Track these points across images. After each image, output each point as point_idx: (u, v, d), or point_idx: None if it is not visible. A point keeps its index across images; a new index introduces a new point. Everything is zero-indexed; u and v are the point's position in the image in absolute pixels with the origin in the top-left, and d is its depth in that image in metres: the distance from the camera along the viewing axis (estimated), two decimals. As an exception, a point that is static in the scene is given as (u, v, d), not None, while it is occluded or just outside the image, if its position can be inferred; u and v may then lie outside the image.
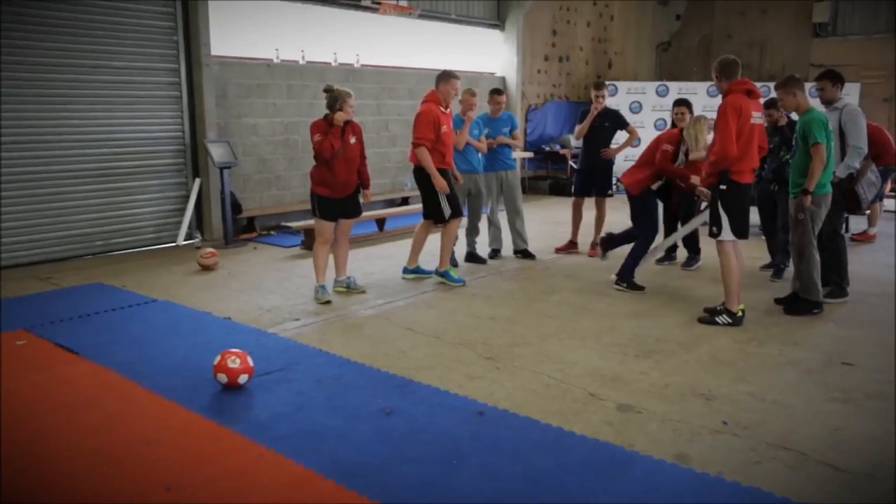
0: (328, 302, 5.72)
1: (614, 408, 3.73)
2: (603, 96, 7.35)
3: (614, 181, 7.98)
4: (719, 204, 5.00)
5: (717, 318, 5.05)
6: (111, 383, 4.05)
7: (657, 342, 4.76)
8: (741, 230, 5.08)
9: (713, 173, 5.01)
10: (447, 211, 6.17)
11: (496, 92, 7.35)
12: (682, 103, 6.65)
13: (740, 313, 5.03)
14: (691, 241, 6.83)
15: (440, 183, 6.05)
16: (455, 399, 3.82)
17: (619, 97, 12.95)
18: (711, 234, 5.11)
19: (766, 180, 6.60)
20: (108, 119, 7.66)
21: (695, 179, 5.85)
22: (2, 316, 5.25)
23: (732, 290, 5.02)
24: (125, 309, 5.56)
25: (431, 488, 2.92)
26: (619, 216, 7.38)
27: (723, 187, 4.98)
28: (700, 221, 5.96)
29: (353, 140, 5.76)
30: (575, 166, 9.58)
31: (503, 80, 12.50)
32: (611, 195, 7.61)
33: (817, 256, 5.26)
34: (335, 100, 5.63)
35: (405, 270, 6.58)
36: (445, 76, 6.18)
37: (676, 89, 13.04)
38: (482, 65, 12.41)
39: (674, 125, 6.59)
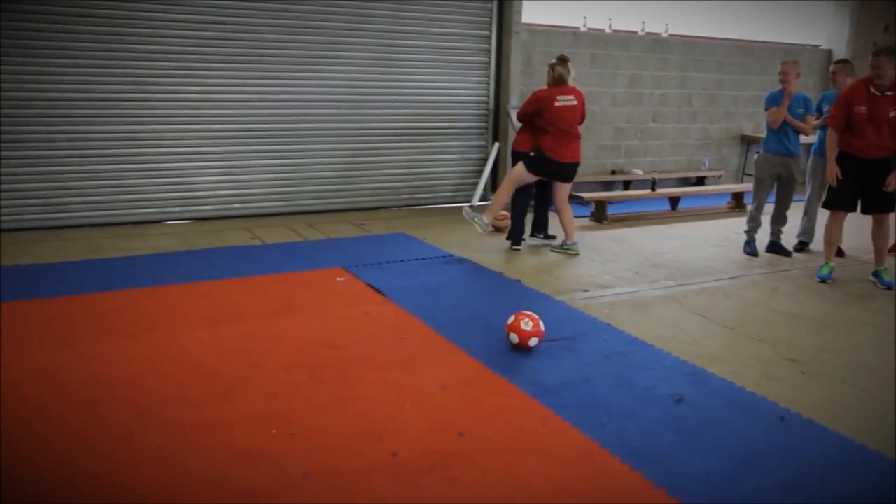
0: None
1: (950, 442, 3.19)
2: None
3: None
4: None
5: None
6: (412, 326, 4.39)
7: None
8: None
9: None
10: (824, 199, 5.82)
11: (842, 63, 6.58)
12: None
13: None
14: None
15: (829, 168, 5.65)
16: (752, 398, 3.55)
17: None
18: None
19: None
20: (422, 82, 8.21)
21: None
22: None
23: None
24: (425, 260, 5.97)
25: (722, 487, 2.74)
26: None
27: None
28: None
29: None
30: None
31: (829, 53, 11.18)
32: None
33: None
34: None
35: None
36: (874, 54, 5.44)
37: None
38: (803, 36, 11.21)
39: None
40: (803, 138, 6.54)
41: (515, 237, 6.48)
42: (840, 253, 6.44)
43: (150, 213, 7.21)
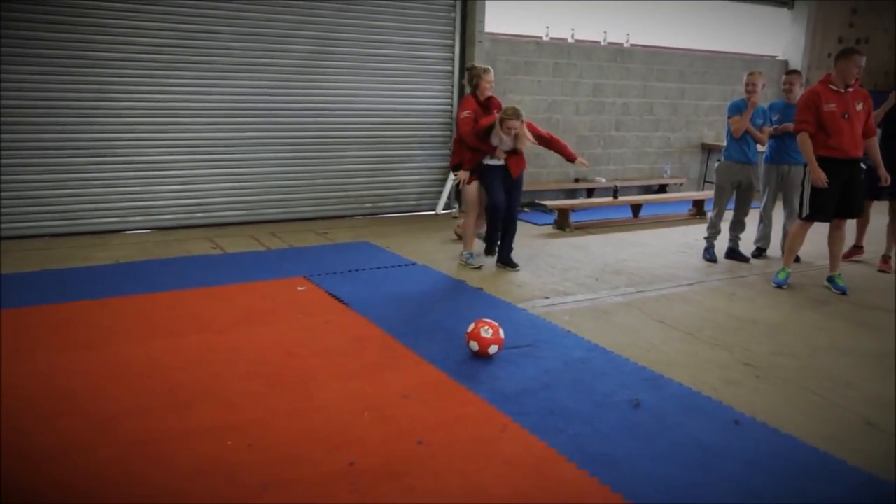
0: (479, 267, 6.10)
1: (898, 442, 3.27)
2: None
3: None
4: None
5: None
6: (372, 335, 4.37)
7: (958, 375, 4.09)
8: None
9: None
10: (805, 208, 5.68)
11: (794, 73, 6.75)
12: None
13: None
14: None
15: (815, 174, 5.48)
16: (708, 402, 3.60)
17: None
18: None
19: None
20: (385, 91, 8.21)
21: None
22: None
23: None
24: (388, 268, 5.97)
25: (678, 491, 2.78)
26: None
27: None
28: None
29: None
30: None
31: (786, 63, 11.43)
32: None
33: None
34: (472, 78, 6.12)
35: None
36: (846, 53, 5.53)
37: None
38: (761, 47, 11.46)
39: None
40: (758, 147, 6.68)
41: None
42: (796, 259, 6.58)
43: (111, 222, 7.11)
